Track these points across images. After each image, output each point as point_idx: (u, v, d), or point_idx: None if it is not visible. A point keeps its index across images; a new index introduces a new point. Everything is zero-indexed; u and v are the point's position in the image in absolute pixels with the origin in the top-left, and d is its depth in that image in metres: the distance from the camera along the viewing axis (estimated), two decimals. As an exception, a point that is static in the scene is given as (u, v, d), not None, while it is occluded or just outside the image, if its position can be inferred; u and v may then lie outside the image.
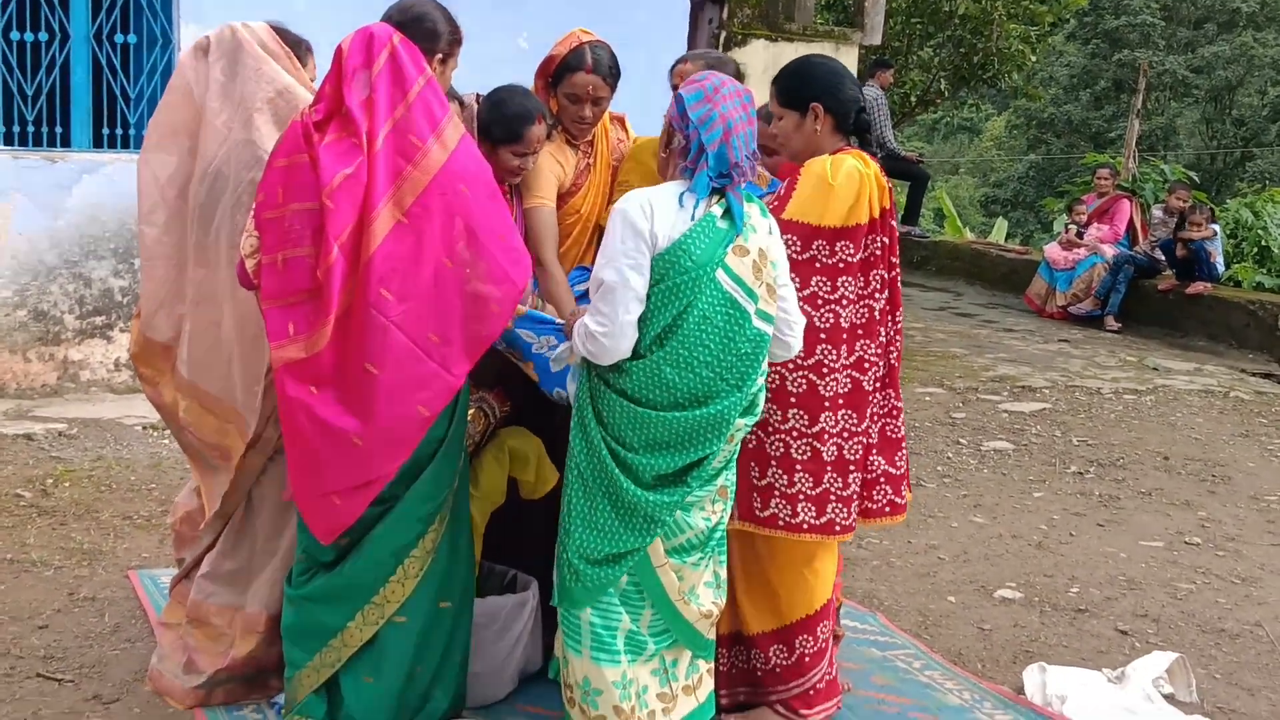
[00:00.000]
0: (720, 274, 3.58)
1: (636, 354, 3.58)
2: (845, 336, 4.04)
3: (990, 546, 6.38)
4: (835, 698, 4.31)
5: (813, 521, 4.06)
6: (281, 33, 4.20)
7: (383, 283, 3.61)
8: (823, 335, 4.01)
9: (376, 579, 3.81)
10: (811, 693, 4.23)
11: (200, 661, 4.17)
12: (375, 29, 3.73)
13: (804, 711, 4.23)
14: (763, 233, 3.70)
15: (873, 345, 4.10)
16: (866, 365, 4.09)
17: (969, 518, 6.81)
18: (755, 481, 4.05)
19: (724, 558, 3.87)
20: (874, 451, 4.20)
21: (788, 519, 4.04)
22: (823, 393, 4.03)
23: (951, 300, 14.40)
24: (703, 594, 3.79)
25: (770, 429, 4.02)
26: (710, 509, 3.74)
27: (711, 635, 3.87)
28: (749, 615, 4.22)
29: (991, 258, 15.71)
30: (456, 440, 3.88)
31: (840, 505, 4.08)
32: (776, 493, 4.03)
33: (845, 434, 4.07)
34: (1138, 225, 13.65)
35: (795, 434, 4.02)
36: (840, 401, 4.05)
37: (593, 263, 4.46)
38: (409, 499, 3.78)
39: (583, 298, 4.34)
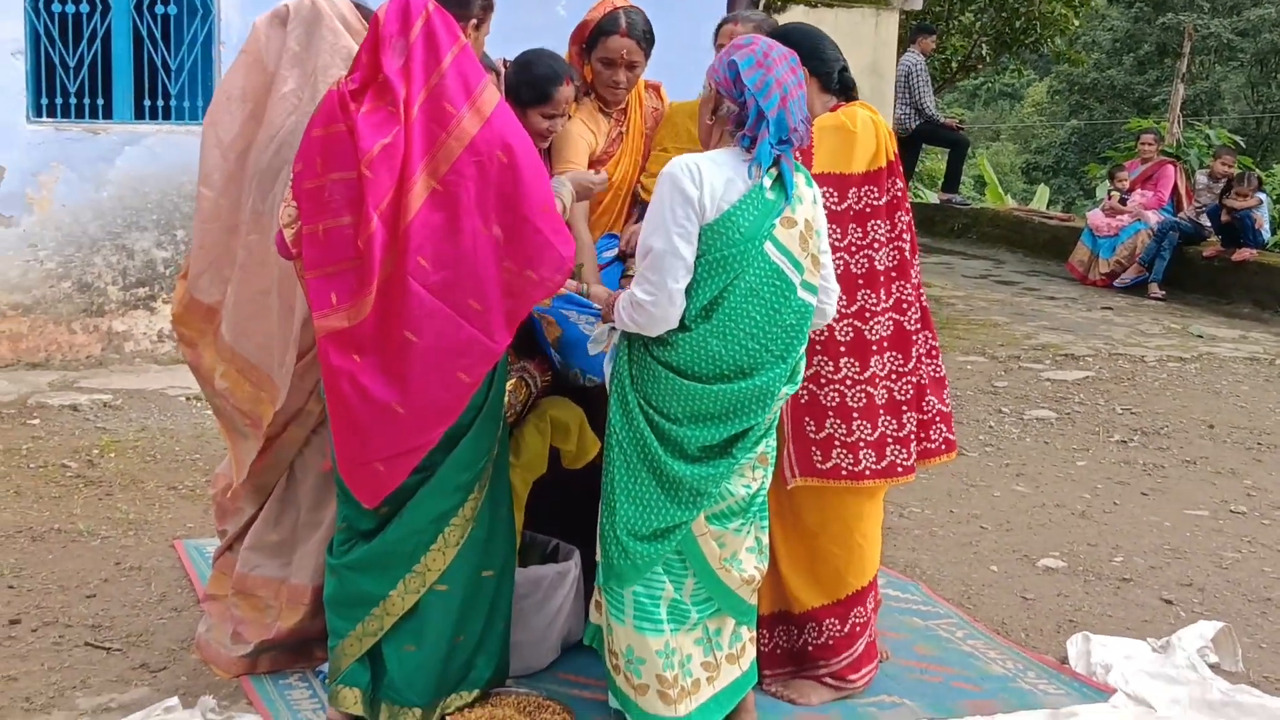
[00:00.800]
0: (768, 246, 3.56)
1: (682, 326, 3.56)
2: (882, 280, 4.09)
3: (1033, 515, 6.35)
4: (875, 659, 4.34)
5: (874, 467, 4.09)
6: (361, 8, 4.16)
7: (419, 251, 3.61)
8: (860, 280, 4.06)
9: (417, 547, 3.81)
10: (859, 658, 4.25)
11: (246, 632, 4.21)
12: None
13: (852, 678, 4.24)
14: (809, 203, 3.68)
15: (907, 286, 4.15)
16: (905, 306, 4.14)
17: (1011, 486, 6.78)
18: (813, 435, 4.06)
19: (765, 523, 3.87)
20: (927, 392, 4.24)
21: (850, 467, 4.05)
22: (869, 337, 4.07)
23: (993, 268, 14.29)
24: (745, 560, 3.79)
25: (823, 380, 4.04)
26: (750, 475, 3.73)
27: (754, 601, 3.87)
28: (800, 592, 4.22)
29: (1033, 225, 15.57)
30: (495, 408, 3.88)
31: (899, 446, 4.13)
32: (837, 443, 4.05)
33: (894, 375, 4.12)
34: (1182, 191, 13.50)
35: (849, 382, 4.04)
36: (885, 344, 4.10)
37: (622, 230, 4.47)
38: (447, 466, 3.78)
39: (610, 264, 4.36)
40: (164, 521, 5.64)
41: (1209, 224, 12.95)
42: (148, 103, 8.38)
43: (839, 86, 4.18)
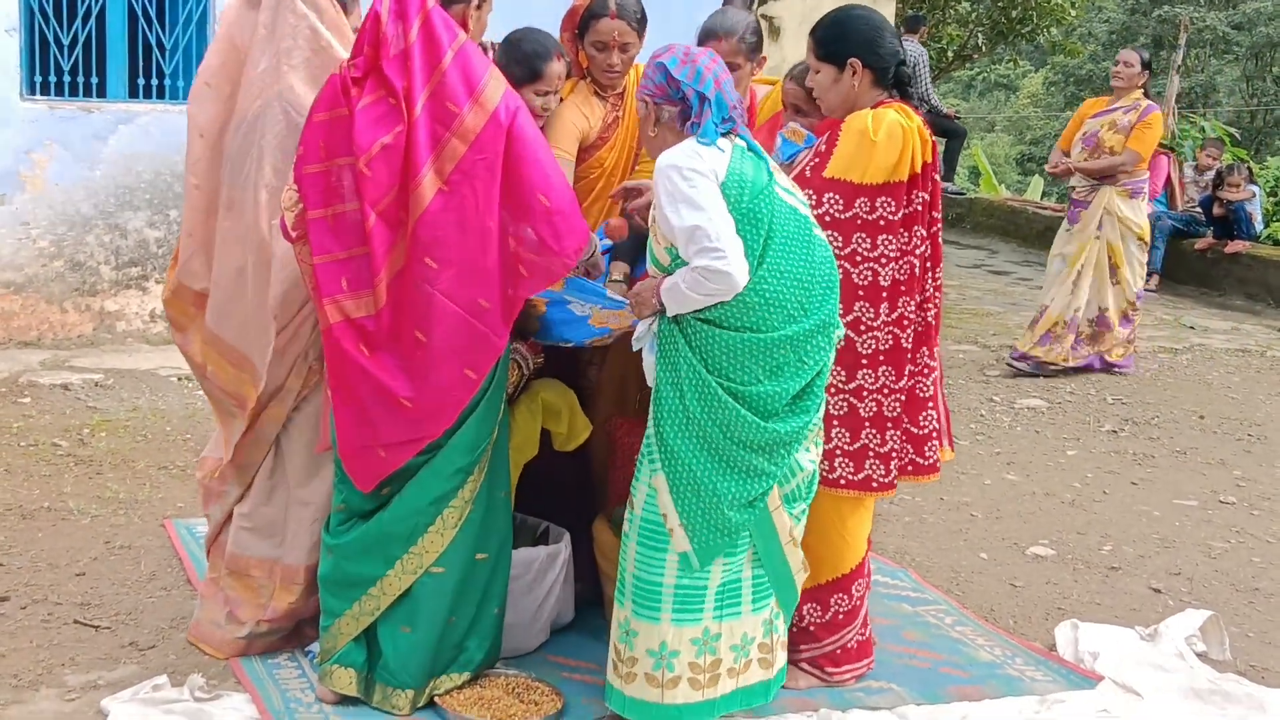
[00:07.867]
0: (777, 189, 3.63)
1: None
2: (885, 294, 4.01)
3: (1023, 504, 6.36)
4: (866, 659, 4.30)
5: (850, 477, 4.06)
6: None
7: (427, 251, 3.64)
8: (860, 292, 3.97)
9: (415, 528, 3.83)
10: (839, 652, 4.23)
11: (241, 613, 4.19)
12: None
13: (830, 669, 4.22)
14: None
15: (911, 302, 4.07)
16: (906, 322, 4.06)
17: (1002, 475, 6.79)
18: None
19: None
20: (928, 405, 4.18)
21: (825, 473, 4.02)
22: (860, 350, 4.01)
23: (986, 258, 14.30)
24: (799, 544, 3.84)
25: None
26: (814, 451, 3.78)
27: (798, 592, 3.91)
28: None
29: (1027, 215, 15.59)
30: (497, 393, 3.89)
31: (878, 461, 4.08)
32: None
33: (885, 390, 4.06)
34: (1175, 182, 13.50)
35: (833, 390, 4.00)
36: (881, 358, 4.04)
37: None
38: (449, 450, 3.80)
39: (609, 250, 4.34)
40: (154, 501, 5.64)
41: (1204, 219, 12.92)
42: (142, 81, 8.35)
43: (893, 81, 4.05)
